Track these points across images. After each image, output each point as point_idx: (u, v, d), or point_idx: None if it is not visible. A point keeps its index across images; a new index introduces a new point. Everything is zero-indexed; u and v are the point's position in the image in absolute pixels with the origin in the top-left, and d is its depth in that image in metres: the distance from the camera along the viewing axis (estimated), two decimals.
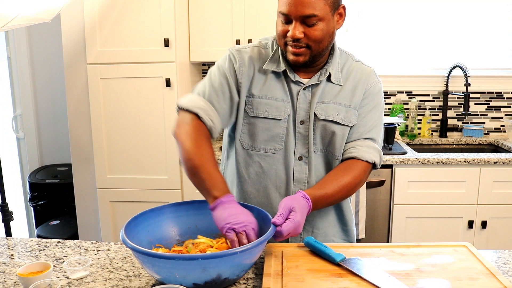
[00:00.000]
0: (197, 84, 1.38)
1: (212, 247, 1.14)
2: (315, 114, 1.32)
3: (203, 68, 3.15)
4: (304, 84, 1.32)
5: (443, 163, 2.46)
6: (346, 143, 1.35)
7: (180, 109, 1.32)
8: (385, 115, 2.99)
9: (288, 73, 1.31)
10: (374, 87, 1.37)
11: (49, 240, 1.37)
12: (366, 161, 1.32)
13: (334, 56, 1.34)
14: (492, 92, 3.08)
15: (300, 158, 1.34)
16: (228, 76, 1.33)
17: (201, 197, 1.20)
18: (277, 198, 1.36)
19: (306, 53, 1.25)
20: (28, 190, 3.04)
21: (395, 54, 3.08)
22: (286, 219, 1.13)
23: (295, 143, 1.34)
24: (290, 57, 1.26)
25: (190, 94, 1.36)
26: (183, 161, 1.22)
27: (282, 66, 1.31)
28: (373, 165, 1.35)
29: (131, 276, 1.13)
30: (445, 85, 3.04)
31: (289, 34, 1.22)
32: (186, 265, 0.95)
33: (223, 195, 1.13)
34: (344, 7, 1.27)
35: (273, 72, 1.33)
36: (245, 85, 1.33)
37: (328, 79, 1.33)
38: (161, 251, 1.12)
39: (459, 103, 3.10)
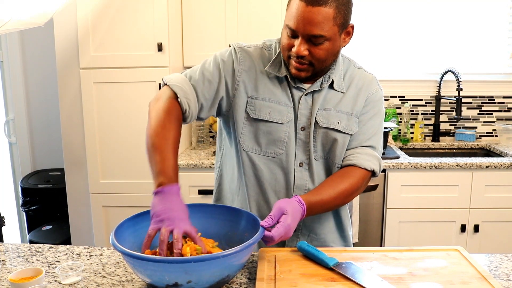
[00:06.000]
0: (189, 69, 1.36)
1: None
2: (316, 121, 1.30)
3: None
4: (305, 90, 1.31)
5: (436, 167, 2.47)
6: (346, 150, 1.34)
7: (164, 84, 1.30)
8: None
9: (289, 78, 1.30)
10: (375, 95, 1.36)
11: (41, 245, 1.36)
12: (365, 169, 1.31)
13: (337, 63, 1.32)
14: (484, 97, 3.10)
15: (300, 165, 1.33)
16: (222, 70, 1.31)
17: (196, 202, 1.20)
18: None
19: (308, 69, 1.23)
20: (20, 195, 3.02)
21: (388, 59, 3.10)
22: (277, 222, 1.12)
23: (295, 149, 1.32)
24: (293, 70, 1.25)
25: (179, 73, 1.34)
26: (146, 137, 1.19)
27: (283, 72, 1.29)
28: (373, 173, 1.34)
29: (123, 281, 1.13)
30: (438, 90, 3.06)
31: (293, 50, 1.20)
32: (175, 268, 0.95)
33: (169, 183, 1.09)
34: (352, 26, 1.25)
35: (276, 75, 1.31)
36: (244, 84, 1.30)
37: (331, 86, 1.32)
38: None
39: (451, 108, 3.13)
